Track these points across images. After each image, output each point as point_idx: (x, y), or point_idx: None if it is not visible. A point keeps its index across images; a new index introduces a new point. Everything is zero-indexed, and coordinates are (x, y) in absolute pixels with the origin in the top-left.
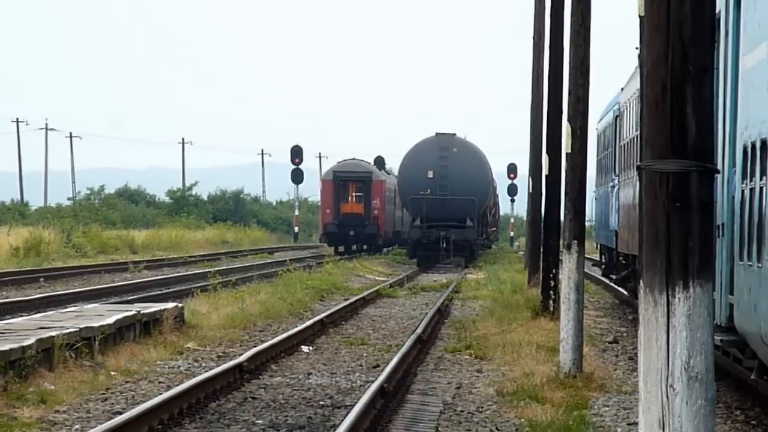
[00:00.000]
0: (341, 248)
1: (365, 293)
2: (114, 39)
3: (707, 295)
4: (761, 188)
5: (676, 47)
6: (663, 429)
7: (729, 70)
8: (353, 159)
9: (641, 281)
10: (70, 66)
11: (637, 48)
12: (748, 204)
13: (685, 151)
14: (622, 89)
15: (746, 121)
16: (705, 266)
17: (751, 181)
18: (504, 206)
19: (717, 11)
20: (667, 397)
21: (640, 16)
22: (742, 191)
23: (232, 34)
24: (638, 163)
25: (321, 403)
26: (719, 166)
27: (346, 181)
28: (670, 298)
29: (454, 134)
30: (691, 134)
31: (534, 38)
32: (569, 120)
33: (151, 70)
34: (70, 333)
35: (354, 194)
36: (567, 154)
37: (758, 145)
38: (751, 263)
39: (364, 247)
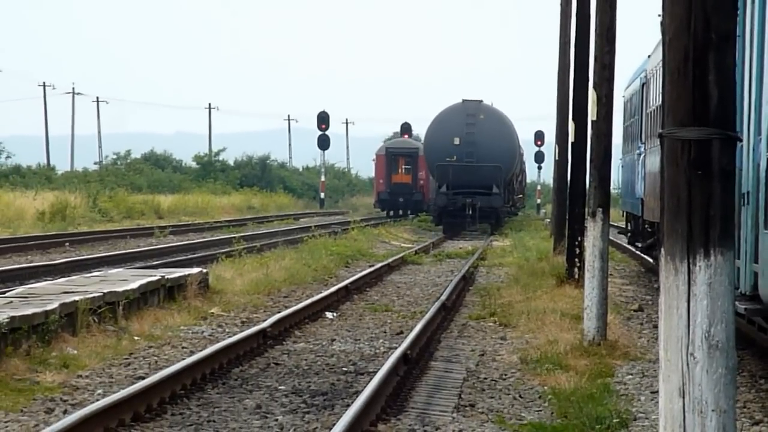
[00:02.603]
0: (391, 212)
1: (390, 260)
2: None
3: (728, 263)
4: None
5: (699, 14)
6: (683, 397)
7: (755, 37)
8: (403, 137)
9: (662, 249)
10: (97, 30)
11: (659, 15)
12: None
13: (707, 118)
14: (649, 56)
15: None
16: (726, 234)
17: None
18: (531, 173)
19: None
20: (688, 365)
21: None
22: (767, 159)
23: None
24: (660, 130)
25: (344, 369)
26: (744, 135)
27: (397, 155)
28: (690, 266)
29: (481, 101)
30: (713, 102)
31: (561, 4)
32: (595, 87)
33: (178, 35)
34: (93, 297)
35: (403, 167)
36: (592, 121)
37: None
38: None
39: (409, 212)
